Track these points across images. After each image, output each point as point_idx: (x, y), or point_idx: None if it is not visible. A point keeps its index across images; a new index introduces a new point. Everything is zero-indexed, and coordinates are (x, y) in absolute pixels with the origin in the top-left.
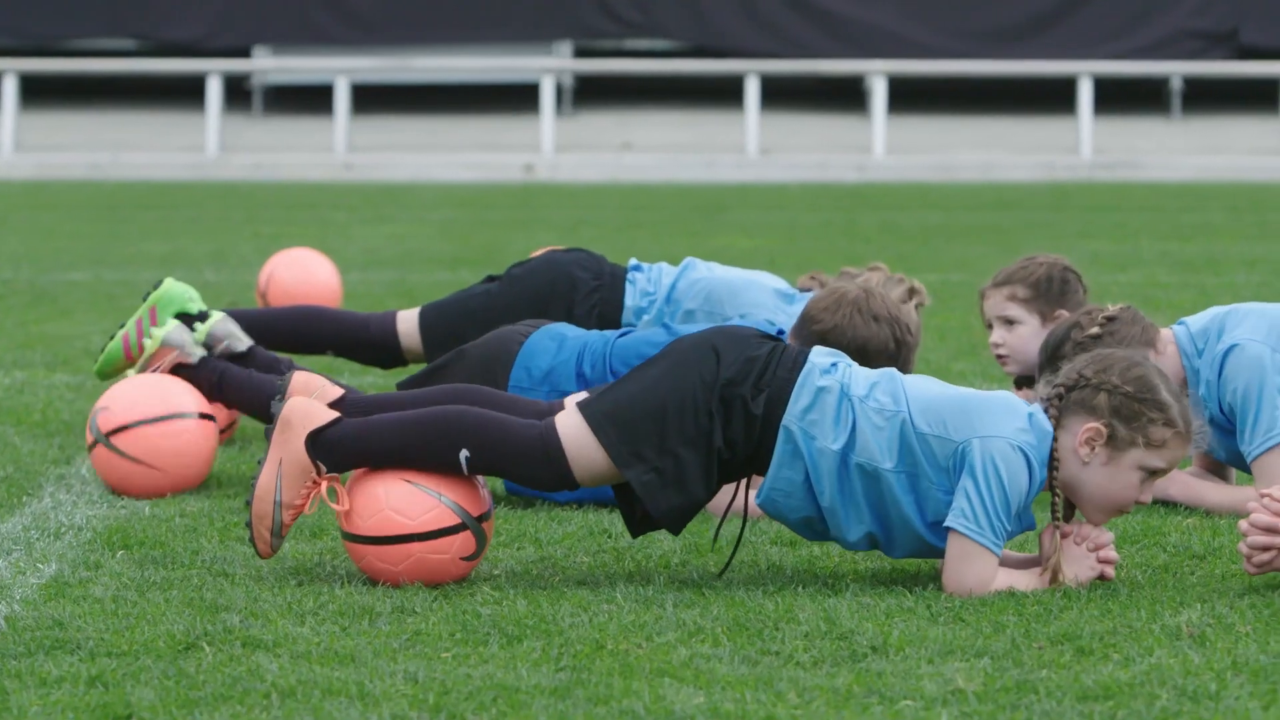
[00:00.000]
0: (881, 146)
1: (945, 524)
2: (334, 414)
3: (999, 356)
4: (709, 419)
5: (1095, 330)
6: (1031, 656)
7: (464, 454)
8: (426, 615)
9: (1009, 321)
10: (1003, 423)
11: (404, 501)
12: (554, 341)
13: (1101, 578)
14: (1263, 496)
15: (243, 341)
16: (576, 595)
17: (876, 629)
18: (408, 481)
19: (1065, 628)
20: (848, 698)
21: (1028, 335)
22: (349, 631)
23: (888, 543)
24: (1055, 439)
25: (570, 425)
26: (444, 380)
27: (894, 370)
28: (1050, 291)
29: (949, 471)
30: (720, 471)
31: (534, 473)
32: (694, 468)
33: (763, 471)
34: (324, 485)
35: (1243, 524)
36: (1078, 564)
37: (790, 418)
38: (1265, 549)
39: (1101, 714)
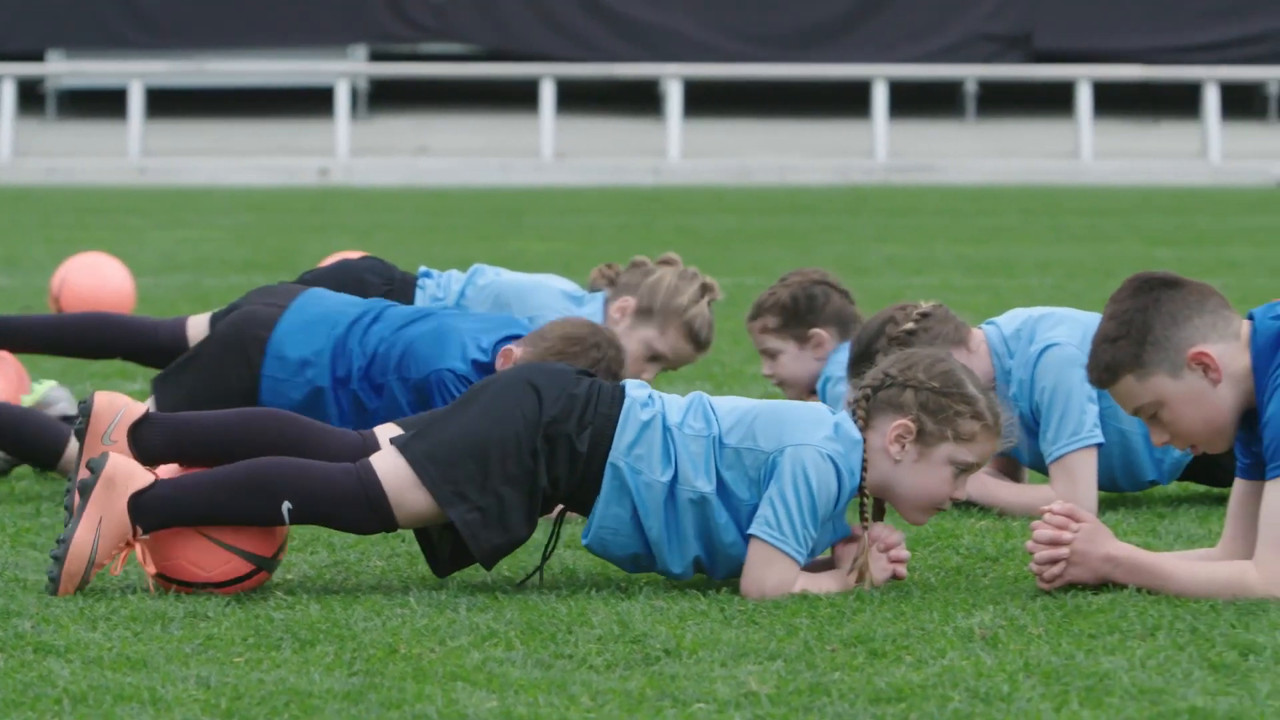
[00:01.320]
0: (677, 150)
1: (749, 531)
2: (152, 476)
3: (777, 385)
4: (533, 458)
5: (910, 325)
6: (824, 659)
7: (286, 506)
8: (219, 620)
9: (770, 353)
10: (811, 432)
11: (201, 554)
12: (304, 330)
13: (894, 577)
14: (1043, 513)
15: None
16: (370, 599)
17: (670, 632)
18: (205, 537)
19: (858, 630)
20: (641, 700)
21: (790, 361)
22: (141, 637)
23: (711, 565)
24: (865, 441)
25: (390, 467)
26: (196, 372)
27: (700, 393)
28: (798, 313)
29: (758, 483)
30: (543, 506)
31: (357, 518)
32: (517, 507)
33: (582, 510)
34: (137, 547)
35: (1029, 544)
36: (870, 565)
37: (616, 454)
38: (1053, 562)
39: (894, 716)
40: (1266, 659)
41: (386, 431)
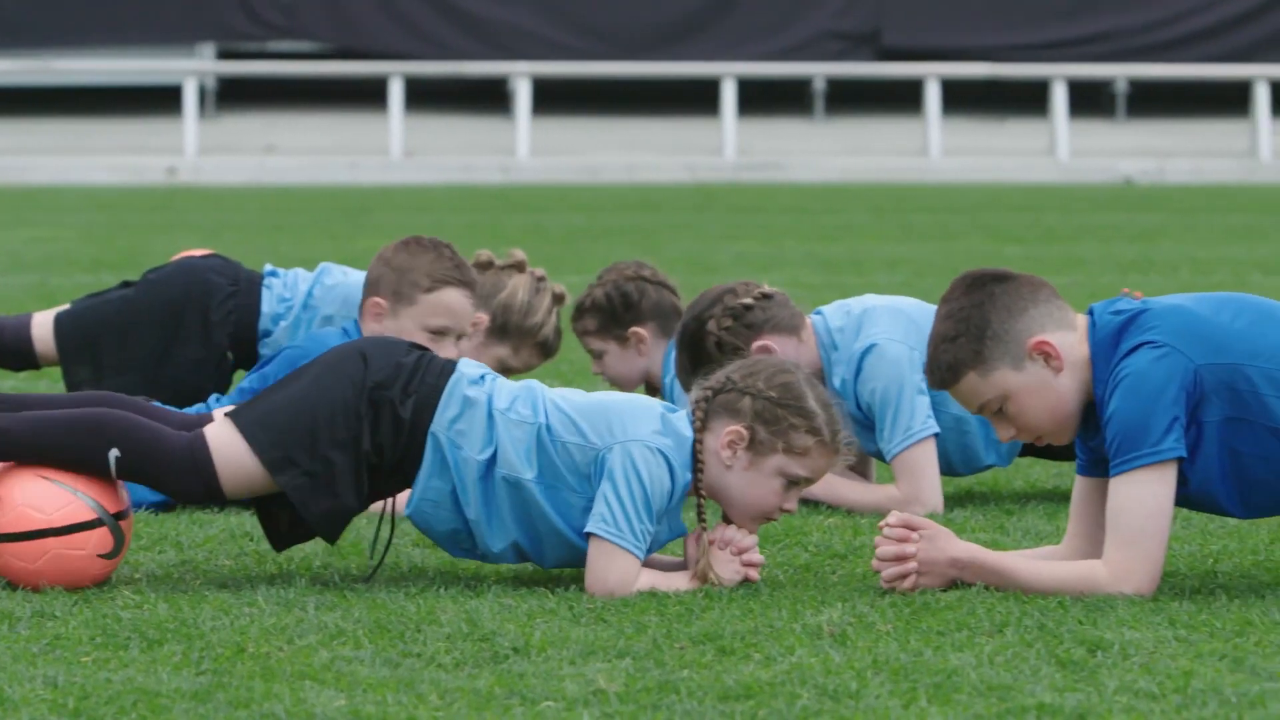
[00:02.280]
0: (526, 148)
1: (586, 529)
2: None
3: (609, 382)
4: (358, 421)
5: (748, 300)
6: (673, 656)
7: (114, 453)
8: (66, 620)
9: (595, 353)
10: (639, 426)
11: (39, 497)
12: None
13: (746, 580)
14: (884, 526)
15: None
16: (218, 598)
17: (518, 630)
18: (43, 478)
19: (707, 628)
20: (489, 699)
21: (615, 362)
22: None
23: (537, 553)
24: (700, 441)
25: (220, 434)
26: None
27: (535, 382)
28: (614, 313)
29: (590, 479)
30: (370, 480)
31: (182, 482)
32: (345, 472)
33: (410, 484)
34: None
35: (875, 562)
36: (722, 567)
37: (438, 426)
38: (902, 576)
39: (743, 713)
40: (1114, 655)
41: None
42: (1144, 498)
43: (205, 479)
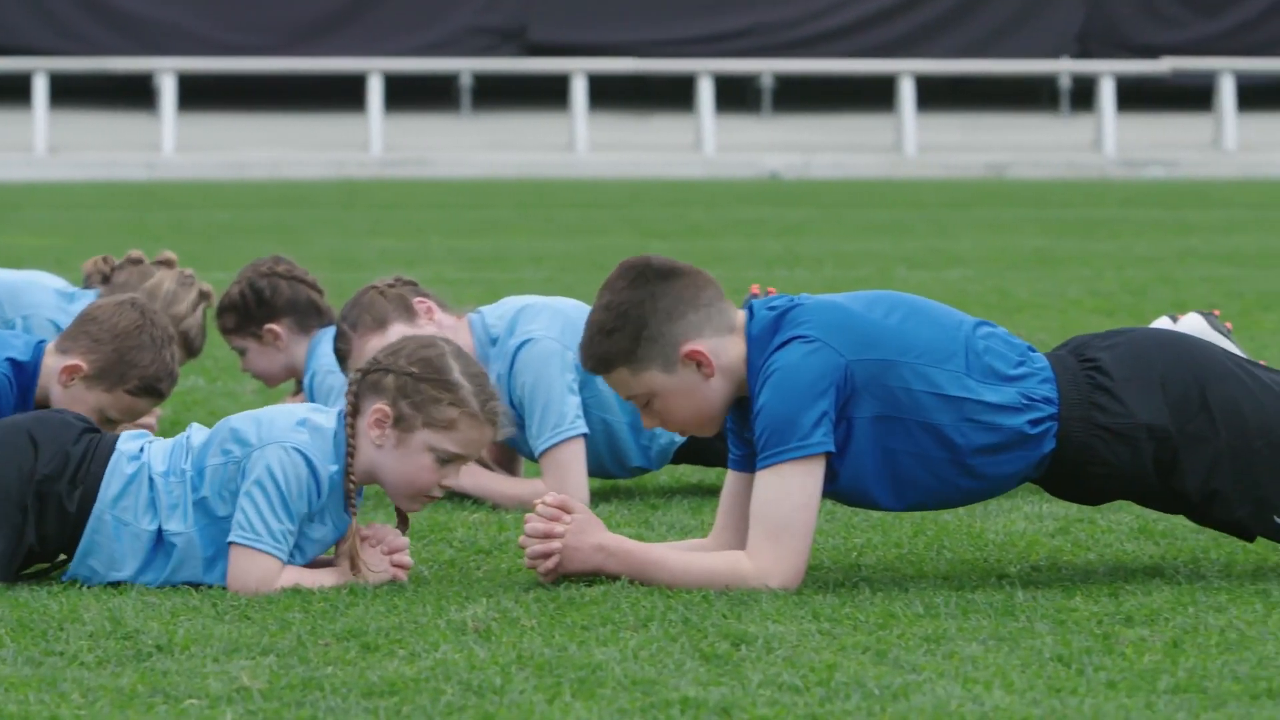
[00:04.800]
0: (171, 144)
1: (228, 539)
2: None
3: (256, 378)
4: (22, 514)
5: (390, 280)
6: (317, 653)
7: None
8: None
9: (239, 351)
10: (275, 429)
11: None
12: None
13: (394, 580)
14: (538, 504)
15: None
16: None
17: (162, 628)
18: None
19: (351, 624)
20: (132, 697)
21: (256, 358)
22: None
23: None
24: (353, 425)
25: None
26: None
27: (191, 426)
28: (249, 311)
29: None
30: (26, 558)
31: None
32: (1, 555)
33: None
34: None
35: (522, 538)
36: (371, 562)
37: (102, 505)
38: (547, 555)
39: (387, 709)
40: (758, 649)
41: None
42: (790, 491)
43: None
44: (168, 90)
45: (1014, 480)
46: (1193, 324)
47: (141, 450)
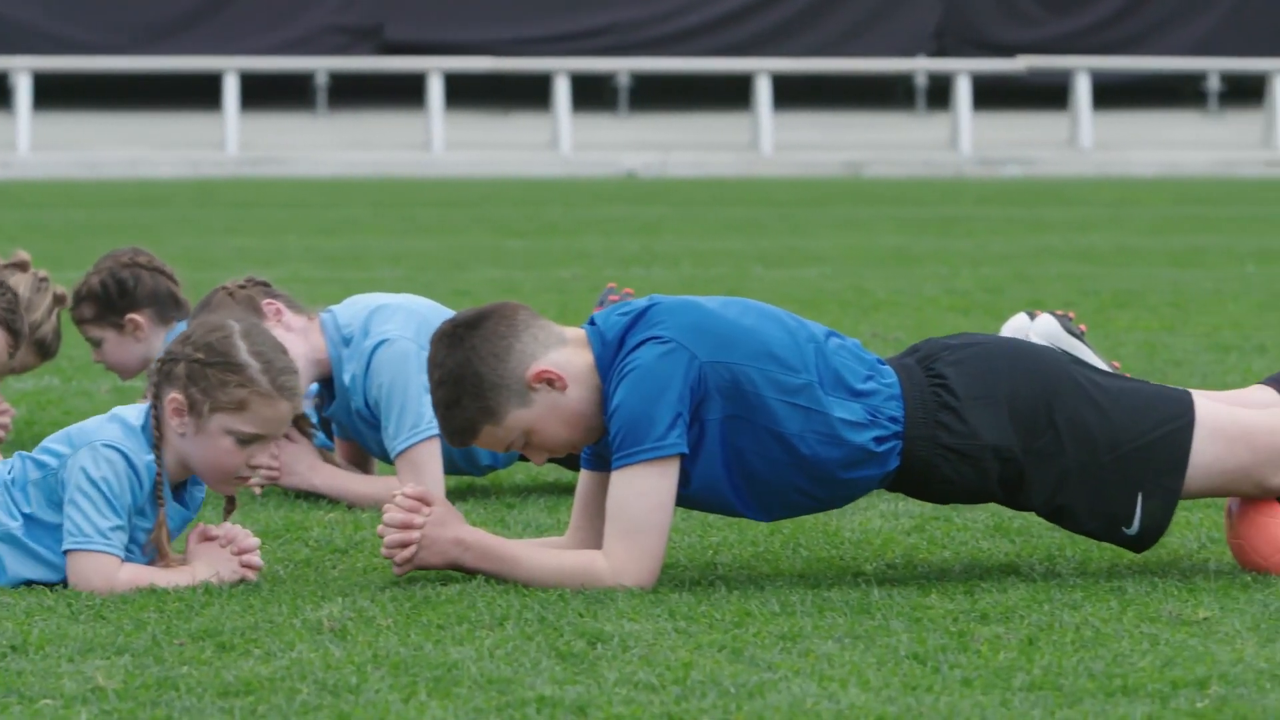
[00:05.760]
0: (26, 143)
1: (62, 548)
2: None
3: (110, 370)
4: None
5: (242, 280)
6: (173, 653)
7: None
8: None
9: (94, 341)
10: (87, 433)
11: None
12: None
13: (244, 579)
14: (395, 496)
15: None
16: None
17: (16, 628)
18: None
19: (207, 624)
20: None
21: (113, 349)
22: None
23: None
24: (157, 416)
25: None
26: None
27: (10, 461)
28: (110, 300)
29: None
30: None
31: None
32: None
33: None
34: None
35: (380, 528)
36: (222, 563)
37: None
38: (404, 545)
39: (242, 709)
40: (614, 647)
41: None
42: (645, 491)
43: None
44: (23, 89)
45: (860, 492)
46: (1047, 327)
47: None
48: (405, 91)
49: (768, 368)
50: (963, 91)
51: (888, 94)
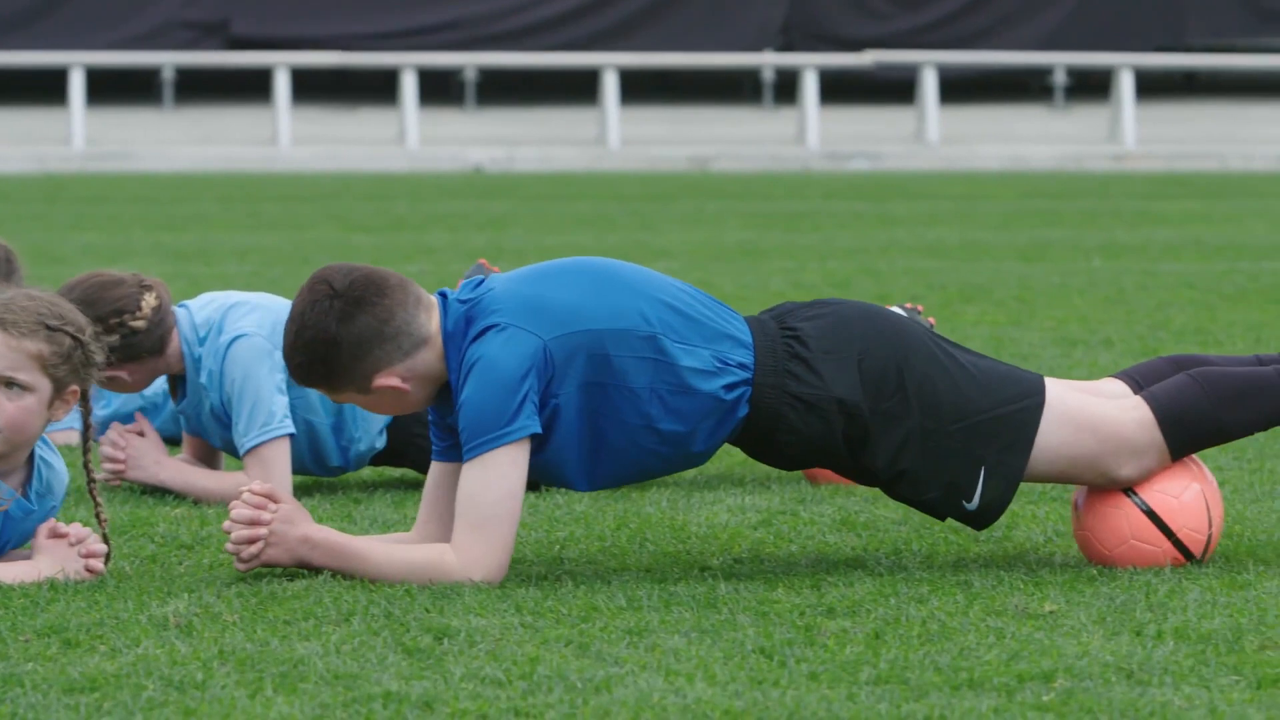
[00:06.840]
0: None
1: None
2: None
3: None
4: None
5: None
6: (18, 649)
7: None
8: None
9: None
10: None
11: None
12: None
13: (90, 572)
14: (243, 492)
15: None
16: None
17: None
18: None
19: (52, 620)
20: None
21: None
22: None
23: None
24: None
25: None
26: None
27: None
28: None
29: None
30: None
31: None
32: None
33: None
34: None
35: (226, 524)
36: (67, 561)
37: None
38: (250, 541)
39: (88, 705)
40: (460, 642)
41: None
42: (493, 481)
43: None
44: None
45: (711, 443)
46: None
47: None
48: (252, 86)
49: (609, 328)
50: (810, 86)
51: (735, 89)
